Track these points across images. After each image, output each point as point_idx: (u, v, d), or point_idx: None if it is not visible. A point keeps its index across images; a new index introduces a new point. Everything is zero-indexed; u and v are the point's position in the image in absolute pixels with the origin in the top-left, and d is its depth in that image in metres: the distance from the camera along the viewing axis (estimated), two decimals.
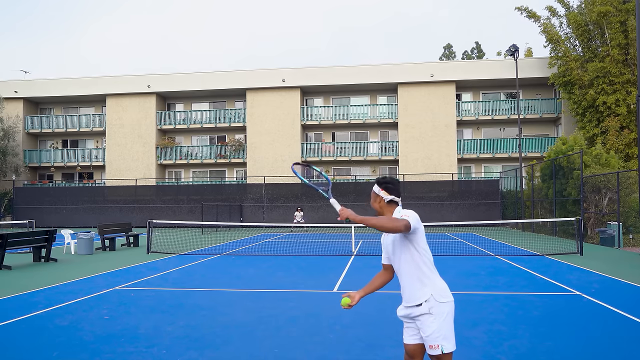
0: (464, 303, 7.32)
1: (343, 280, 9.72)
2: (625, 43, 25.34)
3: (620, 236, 15.95)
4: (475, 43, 58.39)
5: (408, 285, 3.12)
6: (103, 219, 29.01)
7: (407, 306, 3.14)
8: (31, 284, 9.33)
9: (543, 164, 22.68)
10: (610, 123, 25.12)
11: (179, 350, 5.18)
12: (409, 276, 3.11)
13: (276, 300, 7.82)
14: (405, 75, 32.42)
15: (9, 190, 33.33)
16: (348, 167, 34.40)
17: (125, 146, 34.61)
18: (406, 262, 3.12)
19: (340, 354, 5.04)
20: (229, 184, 33.12)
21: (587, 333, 5.78)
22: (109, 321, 6.43)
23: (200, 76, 34.30)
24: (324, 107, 33.96)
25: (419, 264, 3.10)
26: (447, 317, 3.05)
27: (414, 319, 3.12)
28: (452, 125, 31.91)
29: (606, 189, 18.02)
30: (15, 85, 35.71)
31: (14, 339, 5.66)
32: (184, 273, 10.81)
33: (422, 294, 3.06)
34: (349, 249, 15.31)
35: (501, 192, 28.95)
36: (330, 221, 27.67)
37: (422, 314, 3.05)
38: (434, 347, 3.01)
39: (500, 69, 31.61)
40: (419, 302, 3.05)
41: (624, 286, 8.91)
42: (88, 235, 14.49)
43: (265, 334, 5.81)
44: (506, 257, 13.22)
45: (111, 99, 35.02)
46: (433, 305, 3.03)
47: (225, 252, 15.30)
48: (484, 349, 5.18)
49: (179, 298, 8.04)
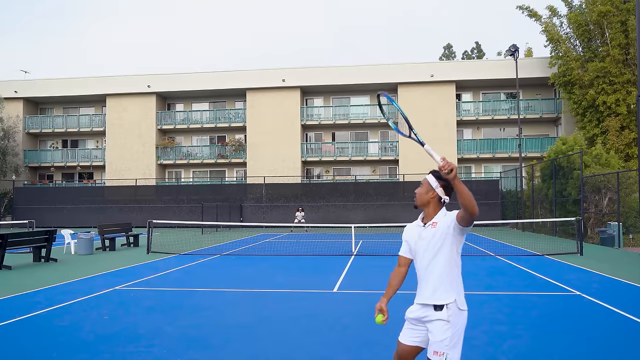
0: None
1: (343, 280, 9.72)
2: (625, 43, 25.33)
3: (620, 236, 15.95)
4: (475, 43, 58.45)
5: (436, 283, 2.97)
6: (103, 219, 29.00)
7: (424, 304, 3.00)
8: (31, 284, 9.32)
9: (543, 164, 22.67)
10: (610, 123, 25.11)
11: (179, 350, 5.18)
12: (441, 275, 2.97)
13: (276, 300, 7.82)
14: (405, 75, 32.43)
15: (9, 190, 33.34)
16: (348, 167, 34.41)
17: (125, 146, 34.62)
18: (443, 259, 2.97)
19: (341, 354, 5.03)
20: (229, 184, 33.13)
21: (587, 333, 5.77)
22: (109, 321, 6.43)
23: (200, 76, 34.30)
24: (324, 107, 33.97)
25: (453, 266, 2.99)
26: (460, 328, 2.96)
27: (426, 322, 3.00)
28: (452, 125, 31.91)
29: (606, 189, 18.02)
30: (15, 85, 35.71)
31: (14, 339, 5.66)
32: (184, 273, 10.81)
33: (448, 295, 2.95)
34: (349, 249, 15.31)
35: (501, 192, 28.96)
36: (330, 221, 27.69)
37: (439, 319, 2.93)
38: (439, 353, 2.90)
39: (500, 69, 31.61)
40: (442, 304, 2.93)
41: (624, 286, 8.91)
42: (88, 235, 14.48)
43: (265, 334, 5.81)
44: (506, 257, 13.21)
45: (111, 99, 35.02)
46: (453, 312, 2.93)
47: (225, 252, 15.29)
48: (484, 349, 5.18)
49: (179, 298, 8.04)
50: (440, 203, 3.06)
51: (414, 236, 3.13)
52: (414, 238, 3.13)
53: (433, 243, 2.99)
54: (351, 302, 7.65)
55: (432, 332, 2.96)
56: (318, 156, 33.38)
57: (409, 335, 3.10)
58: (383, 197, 28.79)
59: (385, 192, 29.27)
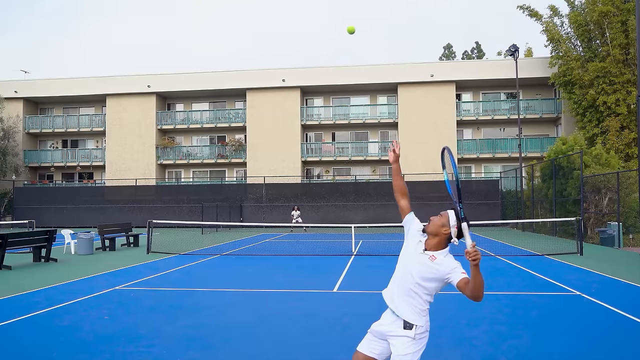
0: (464, 303, 7.32)
1: (343, 280, 9.72)
2: (625, 43, 25.33)
3: (620, 236, 15.95)
4: (475, 43, 58.44)
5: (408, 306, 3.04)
6: (103, 219, 28.99)
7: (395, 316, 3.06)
8: (31, 284, 9.32)
9: (543, 164, 22.67)
10: (610, 123, 25.11)
11: (179, 350, 5.18)
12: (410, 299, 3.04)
13: (276, 300, 7.82)
14: (405, 75, 32.43)
15: (9, 190, 33.34)
16: (348, 167, 34.41)
17: (125, 146, 34.61)
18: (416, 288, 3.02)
19: (341, 354, 5.03)
20: (229, 184, 33.13)
21: (587, 333, 5.78)
22: (109, 321, 6.43)
23: (200, 76, 34.30)
24: (324, 107, 33.97)
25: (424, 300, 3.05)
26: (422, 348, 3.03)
27: (389, 337, 3.07)
28: (452, 125, 31.90)
29: (606, 189, 18.02)
30: (15, 85, 35.71)
31: (14, 339, 5.67)
32: (184, 273, 10.81)
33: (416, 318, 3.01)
34: (349, 249, 15.31)
35: (501, 192, 28.96)
36: (330, 221, 27.69)
37: (405, 336, 2.99)
38: None
39: (500, 69, 31.60)
40: (413, 323, 2.99)
41: (624, 286, 8.91)
42: (88, 235, 14.48)
43: (266, 334, 5.81)
44: (506, 257, 13.22)
45: (111, 99, 35.02)
46: (419, 332, 3.00)
47: (225, 252, 15.29)
48: (484, 349, 5.18)
49: (179, 298, 8.04)
50: (447, 240, 3.09)
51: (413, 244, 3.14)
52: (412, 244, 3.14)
53: (420, 270, 3.01)
54: (351, 302, 7.65)
55: (395, 346, 3.03)
56: (318, 156, 33.38)
57: (369, 346, 3.18)
58: (383, 197, 28.78)
59: (385, 192, 29.25)
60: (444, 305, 7.12)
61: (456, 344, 5.38)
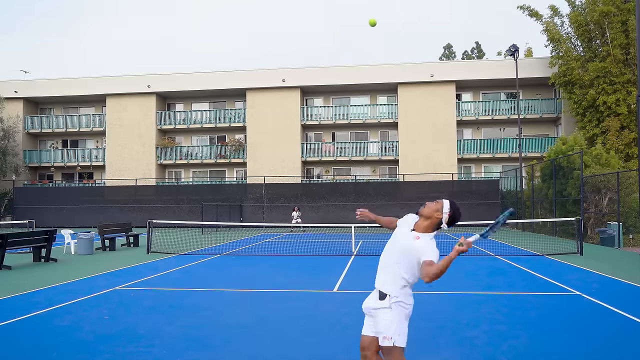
0: (464, 303, 7.33)
1: (343, 280, 9.72)
2: (626, 43, 25.33)
3: (620, 236, 15.95)
4: (475, 43, 58.40)
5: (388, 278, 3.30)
6: (103, 219, 28.99)
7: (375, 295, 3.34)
8: (31, 284, 9.32)
9: (543, 164, 22.67)
10: (610, 123, 25.11)
11: (179, 350, 5.18)
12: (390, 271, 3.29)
13: (276, 300, 7.82)
14: (405, 75, 32.42)
15: (9, 190, 33.33)
16: (348, 167, 34.40)
17: (125, 146, 34.61)
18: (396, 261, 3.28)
19: (341, 354, 5.04)
20: (229, 184, 33.12)
21: (587, 333, 5.78)
22: (109, 321, 6.43)
23: (200, 76, 34.30)
24: (324, 107, 33.97)
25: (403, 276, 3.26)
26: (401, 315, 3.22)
27: (371, 312, 3.32)
28: (452, 125, 31.89)
29: (606, 189, 18.02)
30: (15, 85, 35.70)
31: (14, 339, 5.67)
32: (184, 273, 10.81)
33: (391, 289, 3.25)
34: (349, 249, 15.31)
35: (501, 192, 28.95)
36: (330, 221, 27.68)
37: (382, 307, 3.24)
38: (388, 338, 3.17)
39: (500, 69, 31.59)
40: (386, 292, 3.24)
41: (624, 286, 8.91)
42: (88, 235, 14.48)
43: (265, 334, 5.81)
44: (506, 257, 13.22)
45: (111, 99, 35.02)
46: (394, 302, 3.21)
47: (225, 252, 15.30)
48: (483, 349, 5.18)
49: (179, 298, 8.04)
50: (437, 226, 3.32)
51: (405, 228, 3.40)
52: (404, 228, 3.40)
53: (403, 245, 3.27)
54: (351, 302, 7.65)
55: (377, 321, 3.27)
56: (318, 156, 33.37)
57: (367, 326, 3.40)
58: (383, 197, 28.79)
59: (385, 192, 29.27)
60: (444, 305, 7.12)
61: (456, 344, 5.38)
